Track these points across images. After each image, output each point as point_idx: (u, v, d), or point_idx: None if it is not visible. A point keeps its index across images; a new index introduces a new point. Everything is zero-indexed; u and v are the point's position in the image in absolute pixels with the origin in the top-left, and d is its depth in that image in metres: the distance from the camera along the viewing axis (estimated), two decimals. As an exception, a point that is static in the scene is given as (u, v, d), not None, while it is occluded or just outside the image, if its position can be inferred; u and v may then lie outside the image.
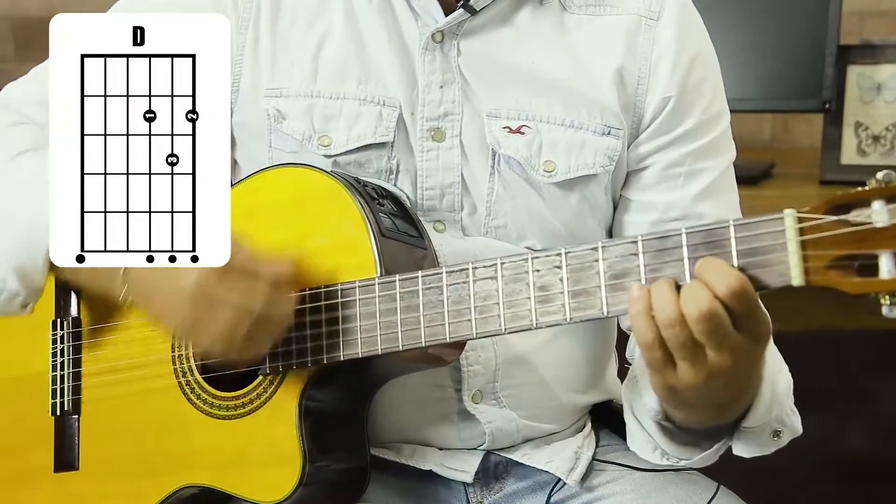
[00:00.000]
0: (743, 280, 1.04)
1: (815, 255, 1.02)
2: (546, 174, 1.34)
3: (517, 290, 1.14)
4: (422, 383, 1.32)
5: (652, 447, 1.33)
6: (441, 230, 1.35)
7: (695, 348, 1.07)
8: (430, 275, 1.18)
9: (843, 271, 1.01)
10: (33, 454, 1.38)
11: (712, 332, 1.06)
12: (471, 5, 1.33)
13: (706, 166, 1.37)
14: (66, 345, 1.38)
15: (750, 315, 1.07)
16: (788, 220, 1.03)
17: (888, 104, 2.32)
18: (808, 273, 1.02)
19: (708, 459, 1.30)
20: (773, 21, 2.35)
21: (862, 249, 1.00)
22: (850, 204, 1.01)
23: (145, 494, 1.32)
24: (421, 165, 1.34)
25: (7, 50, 2.70)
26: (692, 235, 1.07)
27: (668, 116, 1.36)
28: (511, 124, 1.34)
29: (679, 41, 1.36)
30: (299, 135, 1.34)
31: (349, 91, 1.34)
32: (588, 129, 1.34)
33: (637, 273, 1.09)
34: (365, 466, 1.30)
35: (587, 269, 1.11)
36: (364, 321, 1.21)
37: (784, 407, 1.28)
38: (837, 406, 2.70)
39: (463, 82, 1.34)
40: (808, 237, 1.02)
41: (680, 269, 1.07)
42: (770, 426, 1.27)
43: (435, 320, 1.18)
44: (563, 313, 1.12)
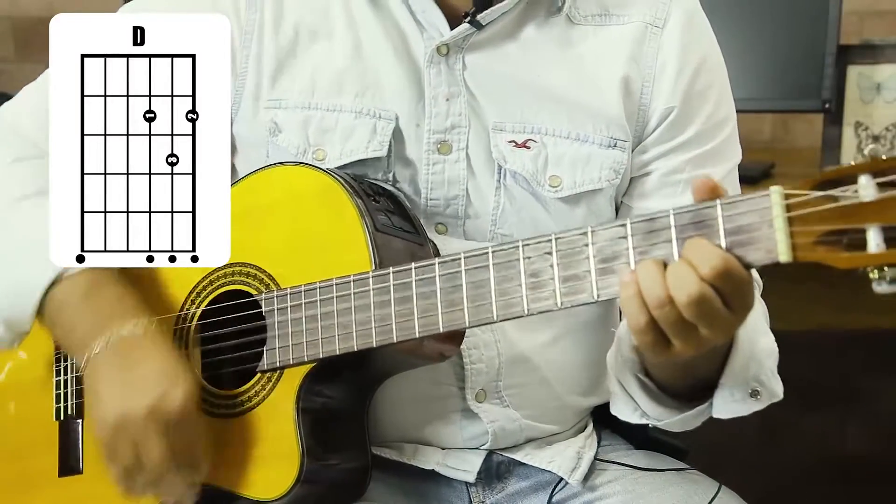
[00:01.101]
0: (727, 259, 1.04)
1: (802, 231, 1.01)
2: (552, 189, 1.34)
3: (509, 278, 1.14)
4: (425, 382, 1.32)
5: (632, 408, 1.32)
6: (442, 231, 1.35)
7: (686, 327, 1.07)
8: (422, 266, 1.18)
9: (831, 246, 1.00)
10: (38, 458, 1.38)
11: (703, 314, 1.05)
12: (477, 20, 1.32)
13: (708, 172, 1.36)
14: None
15: (739, 293, 1.06)
16: (775, 196, 1.02)
17: (888, 104, 2.32)
18: (795, 249, 1.01)
19: (688, 422, 1.30)
20: (773, 21, 2.35)
21: (849, 224, 0.99)
22: (836, 180, 1.00)
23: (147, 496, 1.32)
24: (426, 178, 1.34)
25: (7, 50, 2.70)
26: (680, 216, 1.07)
27: (672, 125, 1.36)
28: (517, 138, 1.33)
29: (683, 49, 1.36)
30: (294, 148, 1.34)
31: (345, 103, 1.34)
32: (594, 143, 1.34)
33: (626, 256, 1.08)
34: (366, 465, 1.30)
35: (577, 254, 1.11)
36: (359, 314, 1.21)
37: (763, 367, 1.27)
38: (837, 405, 2.70)
39: (469, 96, 1.34)
40: (794, 213, 1.01)
41: (668, 250, 1.07)
42: (747, 384, 1.26)
43: (429, 311, 1.18)
44: (554, 299, 1.12)
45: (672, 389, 1.26)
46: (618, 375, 1.32)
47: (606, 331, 1.43)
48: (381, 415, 1.33)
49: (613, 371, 1.33)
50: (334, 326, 1.22)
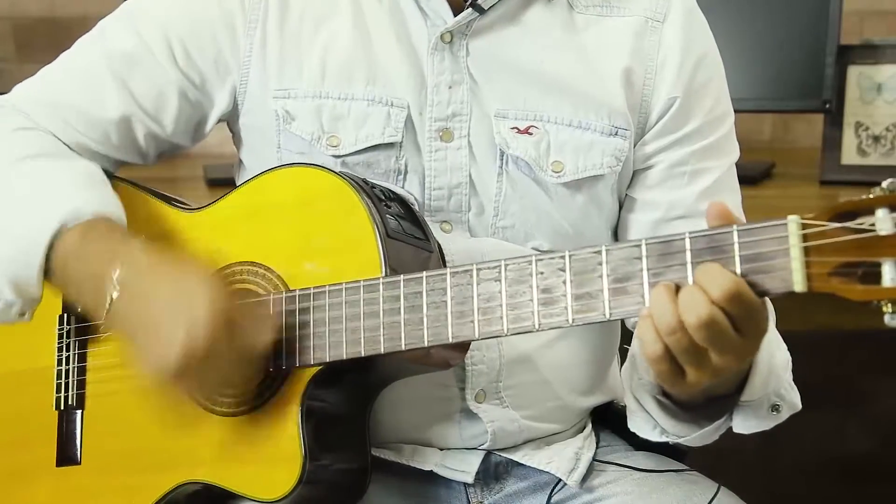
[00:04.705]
0: (738, 283, 1.04)
1: (817, 262, 1.01)
2: (554, 175, 1.34)
3: (520, 292, 1.14)
4: (425, 383, 1.32)
5: (651, 425, 1.33)
6: (448, 230, 1.35)
7: (697, 353, 1.07)
8: (434, 276, 1.18)
9: (845, 278, 1.00)
10: (36, 448, 1.38)
11: (713, 338, 1.06)
12: (479, 4, 1.33)
13: (710, 165, 1.38)
14: (72, 339, 1.38)
15: (749, 318, 1.06)
16: (792, 226, 1.02)
17: (888, 104, 2.32)
18: (810, 279, 1.02)
19: (707, 437, 1.30)
20: (773, 21, 2.35)
21: (865, 257, 1.00)
22: (854, 211, 1.01)
23: (146, 489, 1.32)
24: (429, 165, 1.34)
25: (7, 50, 2.70)
26: (696, 240, 1.07)
27: (674, 116, 1.36)
28: (519, 125, 1.34)
29: (684, 42, 1.37)
30: (308, 135, 1.34)
31: (357, 92, 1.34)
32: (596, 130, 1.35)
33: (640, 277, 1.09)
34: (366, 467, 1.30)
35: (590, 272, 1.11)
36: (368, 321, 1.21)
37: (782, 381, 1.29)
38: (837, 406, 2.70)
39: (472, 82, 1.35)
40: (811, 243, 1.02)
41: (683, 274, 1.07)
42: (768, 399, 1.27)
43: (438, 321, 1.18)
44: (566, 315, 1.12)
45: (690, 406, 1.27)
46: (634, 393, 1.33)
47: (607, 331, 1.43)
48: (379, 416, 1.33)
49: (629, 388, 1.34)
50: (343, 331, 1.22)
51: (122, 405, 1.35)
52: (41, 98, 1.39)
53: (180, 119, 1.39)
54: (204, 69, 1.37)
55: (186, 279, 1.20)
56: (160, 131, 1.39)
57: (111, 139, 1.39)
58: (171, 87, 1.37)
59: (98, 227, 1.27)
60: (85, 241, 1.25)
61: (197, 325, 1.16)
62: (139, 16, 1.38)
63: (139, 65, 1.37)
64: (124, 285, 1.21)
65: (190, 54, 1.36)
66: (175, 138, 1.41)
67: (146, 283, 1.21)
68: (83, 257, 1.25)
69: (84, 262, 1.25)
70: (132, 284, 1.21)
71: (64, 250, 1.26)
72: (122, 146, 1.40)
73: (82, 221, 1.26)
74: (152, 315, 1.19)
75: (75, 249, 1.25)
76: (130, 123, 1.38)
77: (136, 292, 1.21)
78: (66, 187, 1.31)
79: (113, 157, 1.40)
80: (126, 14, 1.40)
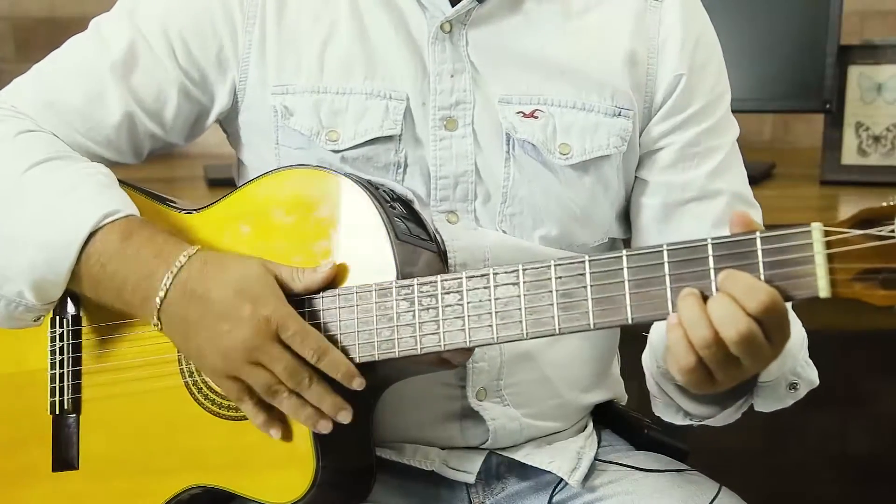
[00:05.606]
0: (773, 294, 1.06)
1: (841, 268, 1.04)
2: (562, 157, 1.35)
3: (539, 297, 1.15)
4: (425, 381, 1.32)
5: (675, 409, 1.35)
6: (454, 221, 1.35)
7: (731, 362, 1.09)
8: (449, 279, 1.18)
9: (868, 284, 1.04)
10: (31, 453, 1.37)
11: (748, 349, 1.08)
12: None
13: (717, 144, 1.39)
14: (65, 342, 1.37)
15: (779, 327, 1.09)
16: (816, 233, 1.05)
17: (889, 104, 2.32)
18: (834, 285, 1.04)
19: (730, 417, 1.34)
20: (773, 21, 2.35)
21: (887, 263, 1.03)
22: (875, 219, 1.03)
23: (150, 494, 1.31)
24: (434, 155, 1.34)
25: (7, 50, 2.70)
26: (718, 247, 1.09)
27: (681, 95, 1.37)
28: (524, 109, 1.35)
29: (684, 21, 1.38)
30: (307, 130, 1.34)
31: (355, 86, 1.34)
32: (600, 111, 1.35)
33: (662, 282, 1.10)
34: (371, 466, 1.30)
35: (611, 276, 1.12)
36: (381, 324, 1.20)
37: (797, 359, 1.31)
38: (839, 406, 2.70)
39: (473, 71, 1.35)
40: (834, 250, 1.04)
41: (706, 281, 1.08)
42: (785, 379, 1.30)
43: (454, 325, 1.18)
44: (587, 320, 1.13)
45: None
46: (656, 380, 1.35)
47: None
48: (381, 415, 1.32)
49: (650, 374, 1.36)
50: (356, 335, 1.21)
51: (121, 409, 1.34)
52: (39, 98, 1.37)
53: (179, 116, 1.38)
54: (205, 65, 1.36)
55: (244, 278, 1.22)
56: (159, 129, 1.38)
57: (111, 139, 1.37)
58: (172, 83, 1.36)
59: (135, 226, 1.27)
60: (126, 242, 1.25)
61: (260, 320, 1.19)
62: (137, 12, 1.37)
63: (139, 62, 1.35)
64: (178, 285, 1.22)
65: (190, 50, 1.36)
66: (171, 136, 1.40)
67: (203, 281, 1.22)
68: (127, 257, 1.25)
69: (127, 262, 1.25)
70: (187, 283, 1.22)
71: (99, 252, 1.26)
72: (121, 146, 1.39)
73: (117, 222, 1.26)
74: (214, 312, 1.21)
75: (115, 250, 1.25)
76: (131, 123, 1.37)
77: (192, 291, 1.22)
78: (89, 190, 1.30)
79: (109, 157, 1.39)
80: (123, 10, 1.38)
